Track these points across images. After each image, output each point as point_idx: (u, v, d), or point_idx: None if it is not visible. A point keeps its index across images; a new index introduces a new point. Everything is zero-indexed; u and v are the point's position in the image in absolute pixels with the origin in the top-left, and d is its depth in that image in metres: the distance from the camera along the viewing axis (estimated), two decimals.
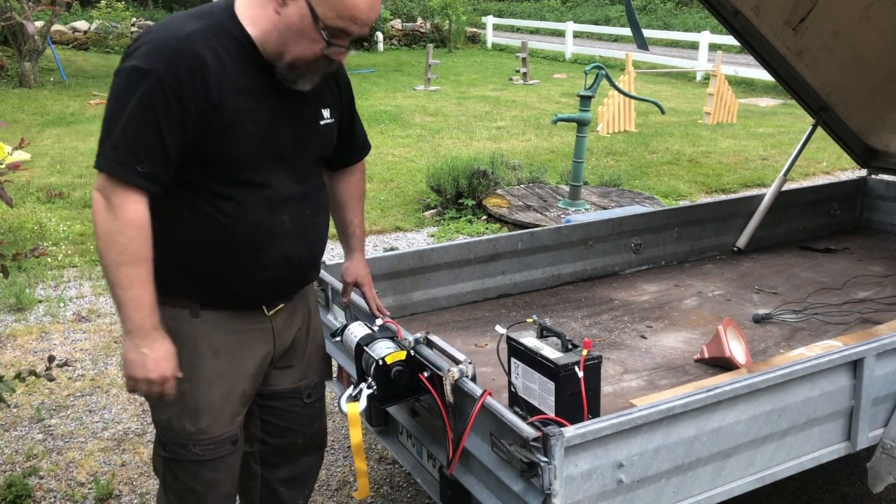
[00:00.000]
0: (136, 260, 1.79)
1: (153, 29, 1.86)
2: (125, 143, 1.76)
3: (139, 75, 1.74)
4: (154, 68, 1.74)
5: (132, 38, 1.84)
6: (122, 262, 1.78)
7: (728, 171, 8.87)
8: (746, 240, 4.15)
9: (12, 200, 2.30)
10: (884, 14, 3.64)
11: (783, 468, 2.24)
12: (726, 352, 2.78)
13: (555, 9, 31.42)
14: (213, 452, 2.05)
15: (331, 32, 1.79)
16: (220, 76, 1.80)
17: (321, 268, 2.91)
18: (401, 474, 3.29)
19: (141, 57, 1.76)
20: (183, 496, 2.08)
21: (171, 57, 1.75)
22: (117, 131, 1.76)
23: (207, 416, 2.02)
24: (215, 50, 1.80)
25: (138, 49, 1.79)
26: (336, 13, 1.77)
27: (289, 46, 1.82)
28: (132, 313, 1.82)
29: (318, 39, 1.80)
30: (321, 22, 1.77)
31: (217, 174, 1.87)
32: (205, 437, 2.02)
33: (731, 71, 14.89)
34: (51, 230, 6.35)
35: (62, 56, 16.89)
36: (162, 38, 1.79)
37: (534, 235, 3.61)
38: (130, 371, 1.86)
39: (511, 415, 1.87)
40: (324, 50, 1.82)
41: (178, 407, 2.00)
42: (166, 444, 2.05)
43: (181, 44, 1.77)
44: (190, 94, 1.77)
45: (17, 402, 3.84)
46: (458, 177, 7.08)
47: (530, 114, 12.48)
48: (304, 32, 1.79)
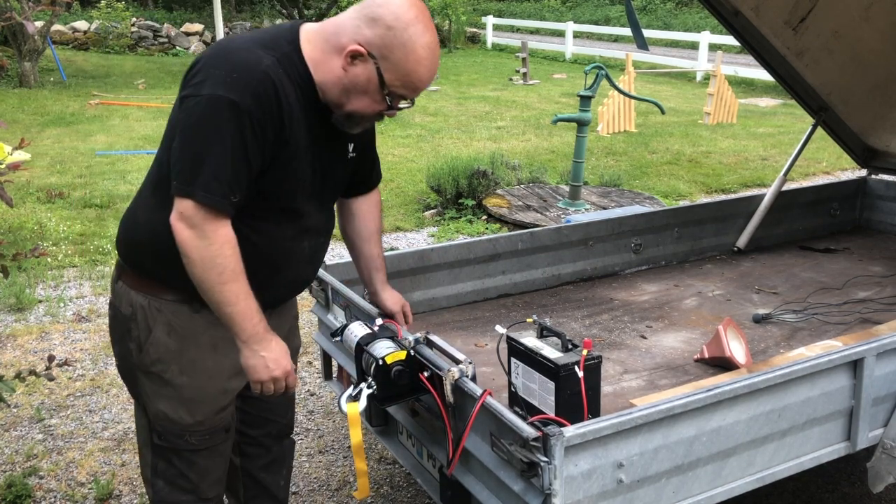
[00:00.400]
0: (236, 276, 1.85)
1: (226, 55, 1.83)
2: (223, 176, 1.79)
3: (230, 107, 1.76)
4: (243, 101, 1.76)
5: (196, 58, 1.87)
6: (225, 282, 1.83)
7: (728, 171, 8.87)
8: (746, 240, 4.15)
9: (12, 200, 2.30)
10: (884, 14, 3.64)
11: (783, 468, 2.24)
12: (726, 352, 2.78)
13: (555, 9, 31.42)
14: (209, 441, 2.09)
15: (393, 97, 1.88)
16: (290, 112, 1.85)
17: (322, 267, 2.92)
18: (401, 474, 3.29)
19: (227, 87, 1.76)
20: (176, 482, 2.12)
21: (256, 89, 1.78)
22: (213, 163, 1.78)
23: (205, 407, 2.06)
24: (287, 85, 1.84)
25: (216, 76, 1.78)
26: (402, 82, 1.85)
27: (350, 100, 1.89)
28: (244, 325, 1.89)
29: (381, 101, 1.89)
30: (387, 88, 1.85)
31: (263, 200, 1.92)
32: (201, 428, 2.07)
33: (731, 71, 14.90)
34: (51, 230, 6.35)
35: (62, 56, 16.89)
36: (243, 69, 1.79)
37: (534, 235, 3.61)
38: (256, 376, 1.94)
39: (511, 415, 1.87)
40: (383, 110, 1.92)
41: (176, 399, 2.03)
42: (162, 433, 2.07)
43: (264, 76, 1.79)
44: (270, 127, 1.82)
45: (17, 402, 3.84)
46: (458, 177, 7.08)
47: (530, 114, 12.48)
48: (368, 93, 1.87)
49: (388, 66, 1.82)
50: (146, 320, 1.99)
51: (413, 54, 1.81)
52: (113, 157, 9.06)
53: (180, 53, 20.17)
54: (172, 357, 2.00)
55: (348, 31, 1.84)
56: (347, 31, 1.84)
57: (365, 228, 2.34)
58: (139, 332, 1.99)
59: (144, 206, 1.99)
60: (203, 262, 1.81)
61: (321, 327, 3.01)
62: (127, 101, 12.94)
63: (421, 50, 1.82)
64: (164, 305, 1.97)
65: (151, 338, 1.99)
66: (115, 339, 2.10)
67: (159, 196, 1.91)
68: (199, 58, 1.88)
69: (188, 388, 2.02)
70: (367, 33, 1.81)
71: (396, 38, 1.80)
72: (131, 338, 2.01)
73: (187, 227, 1.79)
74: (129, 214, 2.06)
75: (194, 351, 2.01)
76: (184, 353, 1.99)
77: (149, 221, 1.96)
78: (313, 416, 3.75)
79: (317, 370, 4.17)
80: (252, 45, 1.84)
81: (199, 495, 2.14)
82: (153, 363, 2.00)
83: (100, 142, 9.93)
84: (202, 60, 1.85)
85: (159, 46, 20.32)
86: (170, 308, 1.98)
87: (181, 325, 1.99)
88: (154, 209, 1.93)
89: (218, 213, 1.80)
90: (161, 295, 1.97)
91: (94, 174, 8.25)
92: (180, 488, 2.12)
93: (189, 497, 2.13)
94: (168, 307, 1.98)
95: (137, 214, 2.01)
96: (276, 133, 1.84)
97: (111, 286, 2.11)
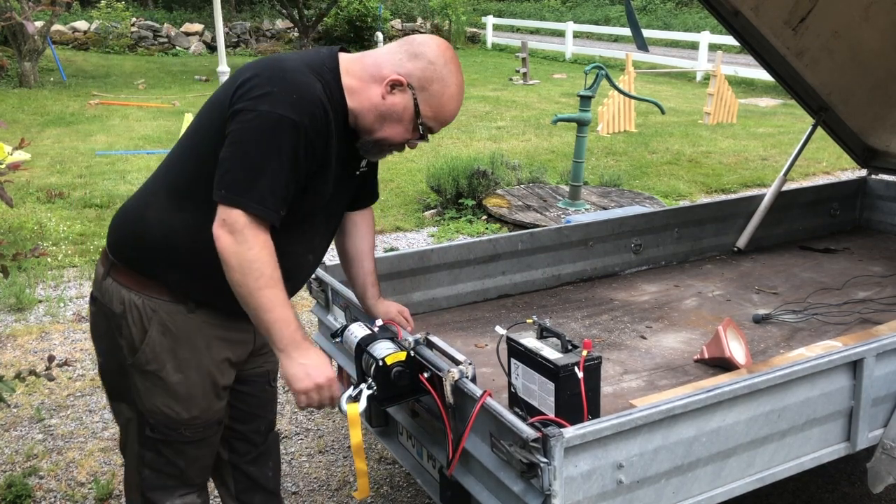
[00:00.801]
0: (274, 282, 1.87)
1: (284, 74, 1.88)
2: (279, 191, 1.85)
3: (291, 126, 1.82)
4: (301, 121, 1.84)
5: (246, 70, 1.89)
6: (262, 287, 1.86)
7: (728, 171, 8.88)
8: (746, 240, 4.15)
9: (12, 200, 2.30)
10: (884, 14, 3.64)
11: (783, 468, 2.24)
12: (726, 352, 2.78)
13: (555, 9, 31.42)
14: (202, 434, 2.13)
15: (424, 128, 2.00)
16: (330, 136, 1.93)
17: (322, 268, 2.92)
18: (401, 474, 3.29)
19: (289, 107, 1.83)
20: (163, 470, 2.14)
21: (312, 111, 1.86)
22: (270, 177, 1.83)
23: (201, 403, 2.08)
24: (333, 108, 1.92)
25: (277, 94, 1.83)
26: (434, 114, 1.99)
27: (383, 128, 1.99)
28: (282, 332, 1.90)
29: (412, 130, 2.01)
30: (420, 117, 1.98)
31: (288, 213, 1.95)
32: (197, 422, 2.10)
33: (731, 71, 14.90)
34: (51, 230, 6.36)
35: (62, 56, 16.90)
36: (301, 90, 1.85)
37: (534, 236, 3.61)
38: (298, 385, 1.93)
39: (511, 415, 1.87)
40: (411, 139, 2.02)
41: (172, 396, 2.04)
42: (155, 426, 2.09)
43: (317, 100, 1.88)
44: (319, 147, 1.91)
45: (17, 402, 3.84)
46: (458, 177, 7.08)
47: (530, 114, 12.48)
48: (402, 122, 1.98)
49: (424, 97, 1.95)
50: (141, 320, 1.99)
51: (448, 90, 1.97)
52: (113, 157, 9.06)
53: (180, 53, 20.18)
54: (167, 356, 2.01)
55: (390, 63, 1.96)
56: (389, 63, 1.97)
57: (361, 244, 2.39)
58: (132, 330, 2.00)
59: (158, 207, 2.00)
60: (242, 267, 1.84)
61: (321, 328, 3.01)
62: (127, 101, 12.94)
63: (454, 87, 1.98)
64: (160, 305, 1.99)
65: (147, 337, 1.99)
66: (100, 336, 2.11)
67: (177, 199, 1.96)
68: (252, 72, 1.90)
69: (183, 385, 2.04)
70: (408, 66, 1.95)
71: (436, 73, 1.95)
72: (122, 335, 2.02)
73: (228, 232, 1.83)
74: (132, 213, 2.06)
75: (188, 349, 2.03)
76: (178, 351, 2.02)
77: (163, 222, 1.97)
78: (313, 416, 3.75)
79: None
80: (305, 67, 1.92)
81: (186, 481, 2.18)
82: (148, 362, 2.01)
83: (100, 142, 9.93)
84: (258, 75, 1.88)
85: (159, 46, 20.33)
86: (165, 308, 1.99)
87: (176, 326, 2.01)
88: (170, 210, 1.96)
89: (263, 223, 1.85)
90: (157, 295, 1.99)
91: (94, 174, 8.26)
92: (167, 475, 2.15)
93: (175, 482, 2.17)
94: (164, 307, 1.99)
95: (147, 214, 2.01)
96: (321, 153, 1.92)
97: (96, 283, 2.10)
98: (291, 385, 1.94)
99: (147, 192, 2.06)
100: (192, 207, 1.93)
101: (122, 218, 2.09)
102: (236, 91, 1.88)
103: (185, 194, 1.95)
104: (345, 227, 2.36)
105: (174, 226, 1.95)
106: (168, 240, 1.96)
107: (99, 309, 2.09)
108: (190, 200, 1.94)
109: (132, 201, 2.10)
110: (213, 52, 19.74)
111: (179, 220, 1.95)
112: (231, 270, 1.85)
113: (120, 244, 2.06)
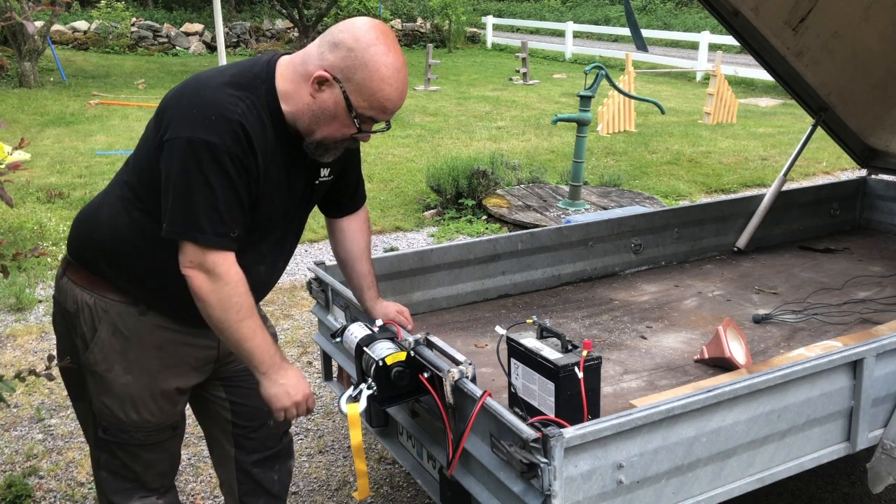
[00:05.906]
0: (251, 311, 1.91)
1: (198, 98, 1.85)
2: (220, 216, 1.83)
3: (211, 149, 1.79)
4: (223, 142, 1.79)
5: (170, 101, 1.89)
6: (242, 319, 1.89)
7: (728, 171, 8.87)
8: (746, 240, 4.15)
9: (12, 200, 2.30)
10: (884, 14, 3.64)
11: (783, 469, 2.24)
12: (726, 352, 2.78)
13: (555, 9, 31.43)
14: (154, 438, 2.11)
15: (362, 120, 1.90)
16: (264, 148, 1.89)
17: (322, 268, 2.92)
18: (401, 474, 3.29)
19: (204, 130, 1.79)
20: (119, 473, 2.13)
21: (234, 131, 1.81)
22: (207, 205, 1.81)
23: (150, 405, 2.07)
24: (261, 123, 1.87)
25: (191, 119, 1.81)
26: (369, 104, 1.87)
27: (320, 127, 1.91)
28: (262, 357, 1.95)
29: (350, 125, 1.91)
30: (354, 110, 1.87)
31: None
32: (147, 425, 2.08)
33: (731, 71, 14.90)
34: (51, 230, 6.35)
35: (62, 56, 16.89)
36: (218, 110, 1.82)
37: (534, 236, 3.61)
38: (279, 404, 1.99)
39: (511, 416, 1.87)
40: (353, 134, 1.94)
41: (121, 397, 2.03)
42: (107, 428, 2.08)
43: (239, 119, 1.82)
44: (250, 164, 1.86)
45: (17, 402, 3.84)
46: (458, 177, 7.08)
47: (530, 114, 12.48)
48: (337, 118, 1.89)
49: (352, 87, 1.85)
50: (92, 319, 2.00)
51: (377, 73, 1.83)
52: (113, 157, 9.06)
53: (180, 53, 20.17)
54: (116, 357, 2.01)
55: (314, 58, 1.88)
56: (313, 58, 1.88)
57: (355, 247, 2.37)
58: (84, 330, 2.01)
59: (110, 209, 2.00)
60: (221, 304, 1.85)
61: (321, 328, 3.01)
62: (127, 101, 12.94)
63: (384, 69, 1.84)
64: (111, 306, 1.99)
65: (96, 337, 2.00)
66: (60, 335, 2.11)
67: (128, 203, 1.95)
68: (174, 99, 1.89)
69: (133, 386, 2.03)
70: (329, 58, 1.85)
71: (358, 59, 1.83)
72: (77, 334, 2.02)
73: (200, 272, 1.83)
74: (89, 213, 2.07)
75: (138, 351, 2.02)
76: (127, 353, 2.01)
77: (111, 222, 1.98)
78: (313, 416, 3.75)
79: (317, 371, 4.17)
80: (225, 86, 1.87)
81: (143, 485, 2.16)
82: (97, 363, 2.01)
83: (100, 142, 9.93)
84: (178, 103, 1.86)
85: (159, 46, 20.32)
86: (116, 309, 1.99)
87: (126, 327, 2.00)
88: (121, 213, 1.97)
89: (222, 251, 1.84)
90: (108, 295, 1.99)
91: (94, 174, 8.25)
92: (122, 477, 2.14)
93: (132, 485, 2.15)
94: (114, 308, 1.99)
95: (99, 214, 2.02)
96: (254, 168, 1.87)
97: (55, 281, 2.11)
98: (272, 404, 1.99)
99: (105, 192, 2.07)
100: (140, 213, 1.93)
101: (79, 217, 2.10)
102: (161, 120, 1.87)
103: (132, 198, 1.95)
104: (333, 233, 2.36)
105: (122, 229, 1.95)
106: (115, 241, 1.97)
107: (57, 308, 2.10)
108: (138, 206, 1.94)
109: (92, 201, 2.11)
110: (213, 52, 19.76)
111: (127, 224, 1.95)
112: (210, 308, 1.86)
113: (76, 243, 2.07)
